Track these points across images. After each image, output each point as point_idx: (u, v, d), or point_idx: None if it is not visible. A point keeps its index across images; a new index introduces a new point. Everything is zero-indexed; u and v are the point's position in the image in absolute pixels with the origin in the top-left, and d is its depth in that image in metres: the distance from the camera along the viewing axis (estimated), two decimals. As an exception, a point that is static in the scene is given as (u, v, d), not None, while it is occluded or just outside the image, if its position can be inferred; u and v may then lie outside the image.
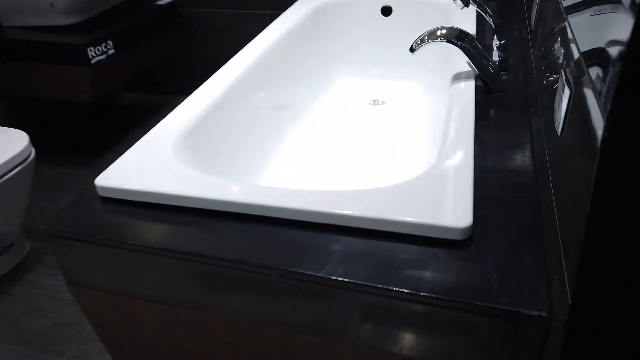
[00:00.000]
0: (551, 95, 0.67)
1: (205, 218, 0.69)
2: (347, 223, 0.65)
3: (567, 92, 0.55)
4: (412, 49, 1.00)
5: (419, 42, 1.00)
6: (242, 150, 1.14)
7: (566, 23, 0.60)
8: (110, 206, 0.73)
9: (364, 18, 1.71)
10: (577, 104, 0.51)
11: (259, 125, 1.23)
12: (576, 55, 0.53)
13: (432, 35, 0.98)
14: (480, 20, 1.39)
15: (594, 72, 0.43)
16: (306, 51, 1.55)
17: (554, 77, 0.68)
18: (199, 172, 0.76)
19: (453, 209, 0.62)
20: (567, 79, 0.56)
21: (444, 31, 0.98)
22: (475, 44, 0.98)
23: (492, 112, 0.93)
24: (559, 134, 0.58)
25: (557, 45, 0.68)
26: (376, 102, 1.65)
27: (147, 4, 1.96)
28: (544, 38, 0.89)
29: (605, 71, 0.39)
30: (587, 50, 0.47)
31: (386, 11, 1.69)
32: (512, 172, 0.74)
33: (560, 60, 0.61)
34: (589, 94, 0.44)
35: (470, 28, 1.30)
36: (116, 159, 0.80)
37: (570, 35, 0.57)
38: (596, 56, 0.43)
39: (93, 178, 0.76)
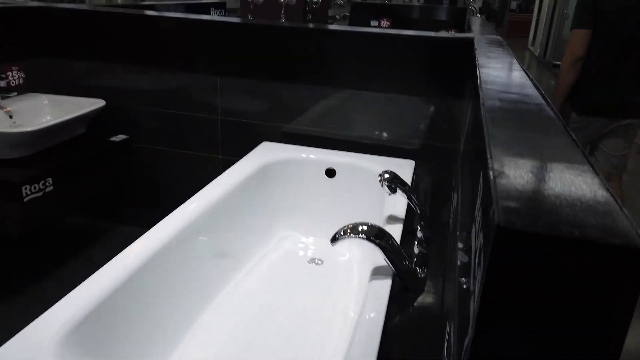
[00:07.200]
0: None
1: None
2: None
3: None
4: (333, 240, 1.01)
5: (342, 233, 1.01)
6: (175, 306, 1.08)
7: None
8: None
9: (309, 177, 1.77)
10: None
11: (198, 276, 1.18)
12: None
13: (354, 230, 1.00)
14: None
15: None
16: (251, 205, 1.57)
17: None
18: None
19: None
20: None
21: (364, 227, 1.00)
22: (392, 242, 0.99)
23: (404, 320, 0.92)
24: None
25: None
26: (314, 261, 1.64)
27: (100, 140, 1.99)
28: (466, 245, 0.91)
29: None
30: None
31: (330, 173, 1.75)
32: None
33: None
34: None
35: (401, 208, 1.34)
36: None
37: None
38: None
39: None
